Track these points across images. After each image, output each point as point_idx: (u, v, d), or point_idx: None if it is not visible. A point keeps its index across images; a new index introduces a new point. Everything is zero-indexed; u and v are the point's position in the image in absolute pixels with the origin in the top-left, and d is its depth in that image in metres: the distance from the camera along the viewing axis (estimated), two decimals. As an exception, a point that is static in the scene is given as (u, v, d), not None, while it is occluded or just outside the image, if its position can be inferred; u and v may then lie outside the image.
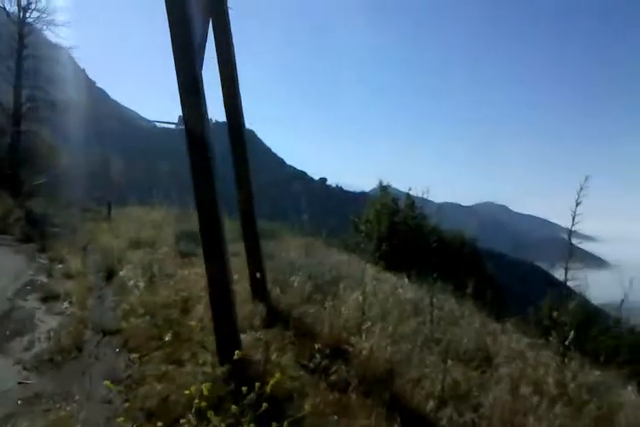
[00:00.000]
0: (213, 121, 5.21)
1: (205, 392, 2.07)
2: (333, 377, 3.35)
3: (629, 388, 4.03)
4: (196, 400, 2.12)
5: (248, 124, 4.92)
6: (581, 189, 3.43)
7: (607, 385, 4.00)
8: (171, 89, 3.29)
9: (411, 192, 15.75)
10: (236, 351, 2.58)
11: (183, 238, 7.76)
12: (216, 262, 3.31)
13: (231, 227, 4.63)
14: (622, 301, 12.99)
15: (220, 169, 3.31)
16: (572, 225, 3.45)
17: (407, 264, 10.57)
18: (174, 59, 3.10)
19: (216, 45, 4.61)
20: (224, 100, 4.71)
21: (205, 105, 3.26)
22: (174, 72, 3.11)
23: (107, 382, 2.43)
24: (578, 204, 3.45)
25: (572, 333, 4.00)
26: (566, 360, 3.91)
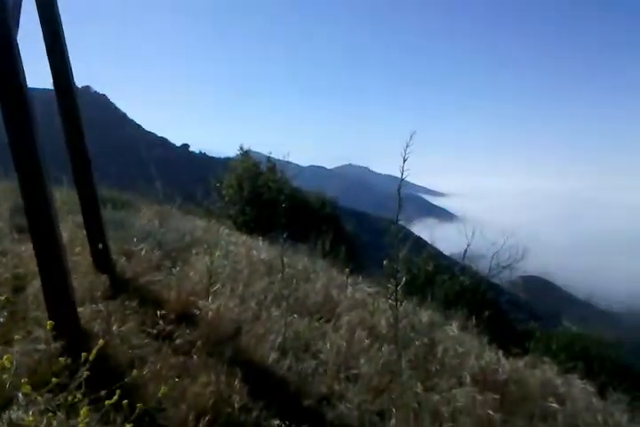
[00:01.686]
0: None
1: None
2: (178, 341, 3.38)
3: (452, 324, 4.55)
4: (24, 379, 2.05)
5: (101, 89, 4.58)
6: (407, 146, 3.68)
7: (434, 324, 4.49)
8: None
9: (272, 156, 15.83)
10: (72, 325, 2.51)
11: (20, 212, 7.14)
12: (44, 233, 3.13)
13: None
14: (465, 250, 14.39)
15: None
16: (401, 180, 3.70)
17: (268, 227, 10.77)
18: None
19: (37, 2, 4.22)
20: (48, 57, 4.36)
21: (20, 61, 3.00)
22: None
23: None
24: (405, 160, 3.70)
25: (404, 279, 4.38)
26: (399, 304, 4.28)
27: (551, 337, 11.91)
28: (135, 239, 5.33)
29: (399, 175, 4.10)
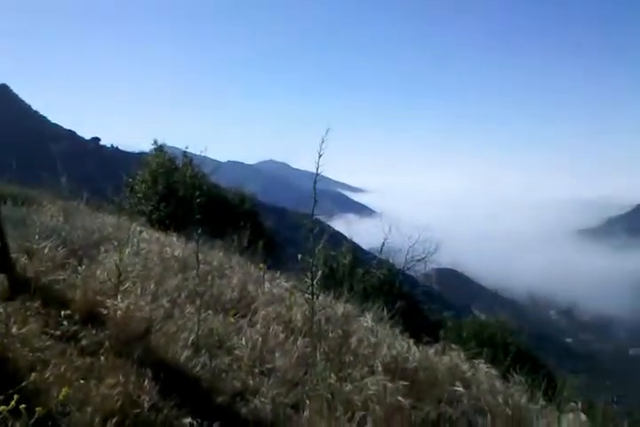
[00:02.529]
0: None
1: None
2: (84, 342, 3.23)
3: (367, 316, 4.65)
4: None
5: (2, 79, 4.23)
6: (322, 141, 3.71)
7: (350, 316, 4.58)
8: None
9: (188, 150, 15.44)
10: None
11: None
12: None
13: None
14: (383, 245, 14.75)
15: None
16: (316, 175, 3.74)
17: (184, 224, 10.50)
18: None
19: None
20: None
21: None
22: None
23: None
24: (320, 155, 3.74)
25: (321, 273, 4.43)
26: (315, 298, 4.33)
27: (462, 326, 12.52)
28: (37, 237, 5.03)
29: (319, 172, 4.13)
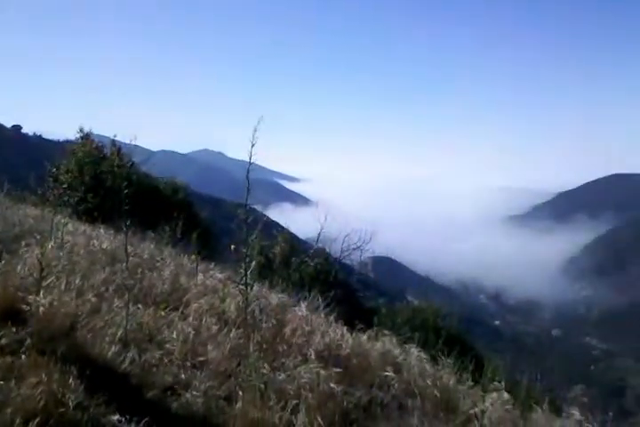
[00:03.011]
0: None
1: None
2: (3, 341, 3.07)
3: (302, 305, 4.68)
4: None
5: None
6: (255, 130, 3.67)
7: (285, 305, 4.59)
8: None
9: (117, 139, 14.88)
10: None
11: None
12: None
13: None
14: (319, 234, 14.83)
15: None
16: (249, 164, 3.70)
17: (112, 215, 10.14)
18: None
19: None
20: None
21: None
22: None
23: None
24: (253, 145, 3.70)
25: (256, 263, 4.40)
26: (249, 288, 4.30)
27: (395, 312, 12.83)
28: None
29: (253, 161, 4.08)
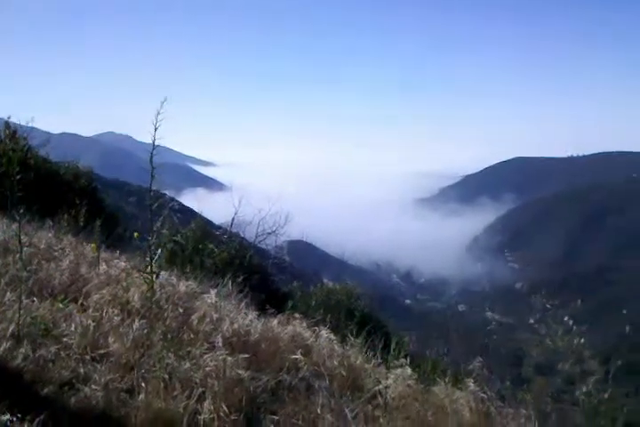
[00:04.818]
0: None
1: None
2: None
3: (211, 292, 4.62)
4: None
5: None
6: (158, 113, 3.54)
7: (194, 293, 4.51)
8: None
9: (12, 121, 13.81)
10: None
11: None
12: None
13: None
14: (233, 219, 14.66)
15: None
16: (153, 148, 3.57)
17: (6, 203, 9.45)
18: None
19: None
20: None
21: None
22: None
23: None
24: (156, 128, 3.56)
25: (164, 250, 4.28)
26: (155, 277, 4.18)
27: (310, 294, 13.00)
28: None
29: (162, 144, 3.93)
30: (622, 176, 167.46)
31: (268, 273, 14.79)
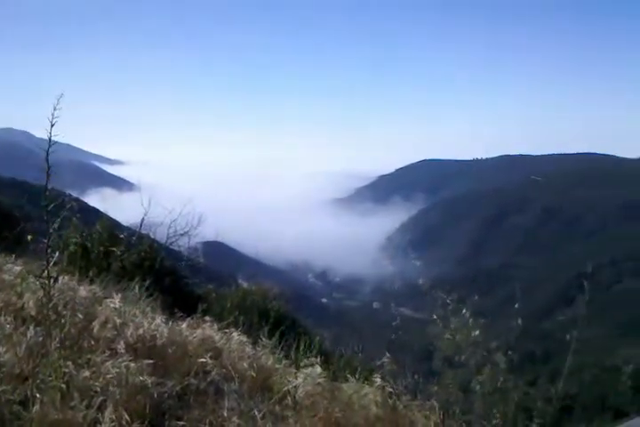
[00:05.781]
0: None
1: None
2: None
3: (116, 297, 4.43)
4: None
5: None
6: (55, 109, 3.36)
7: (96, 298, 4.31)
8: None
9: None
10: None
11: None
12: None
13: None
14: (143, 219, 14.15)
15: None
16: (50, 145, 3.38)
17: None
18: None
19: None
20: None
21: None
22: None
23: None
24: (52, 124, 3.38)
25: (57, 255, 4.06)
26: (53, 282, 3.96)
27: (225, 296, 12.81)
28: None
29: (66, 142, 3.72)
30: (521, 178, 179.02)
31: (180, 275, 14.41)
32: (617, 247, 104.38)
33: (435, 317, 4.93)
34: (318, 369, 3.86)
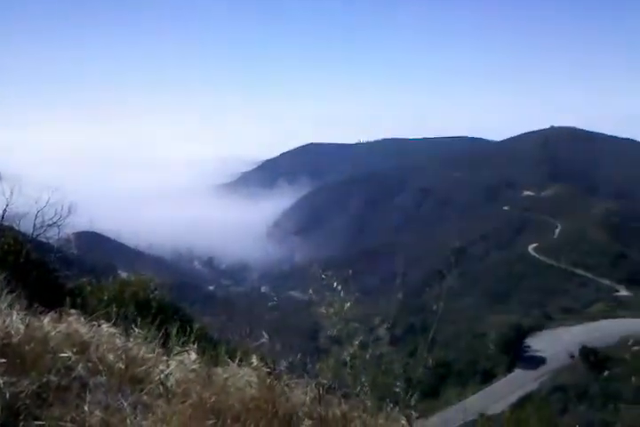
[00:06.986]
0: None
1: None
2: None
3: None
4: None
5: None
6: None
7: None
8: None
9: None
10: None
11: None
12: None
13: None
14: (5, 210, 12.96)
15: None
16: None
17: None
18: None
19: None
20: None
21: None
22: None
23: None
24: None
25: None
26: None
27: (102, 288, 12.17)
28: None
29: None
30: (401, 161, 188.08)
31: (49, 269, 13.47)
32: (486, 224, 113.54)
33: (310, 292, 5.05)
34: (193, 355, 3.80)
